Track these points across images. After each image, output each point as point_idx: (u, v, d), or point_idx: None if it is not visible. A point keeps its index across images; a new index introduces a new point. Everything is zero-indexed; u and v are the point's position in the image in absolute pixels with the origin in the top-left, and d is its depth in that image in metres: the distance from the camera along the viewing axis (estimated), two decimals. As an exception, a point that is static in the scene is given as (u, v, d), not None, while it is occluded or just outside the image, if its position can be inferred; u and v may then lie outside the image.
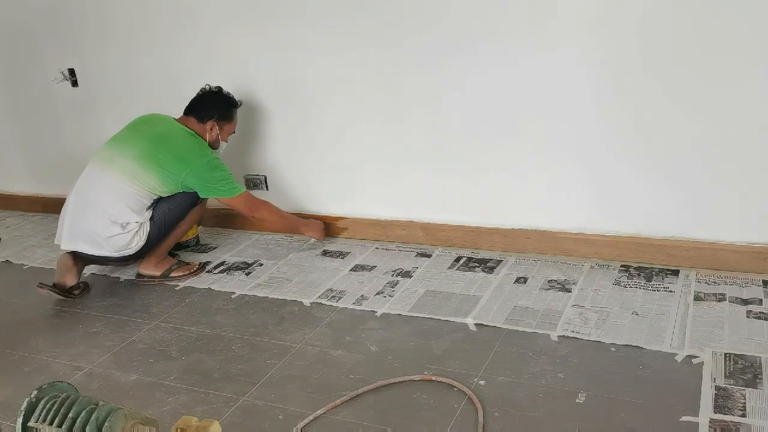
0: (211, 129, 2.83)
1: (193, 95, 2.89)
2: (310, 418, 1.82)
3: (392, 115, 2.82)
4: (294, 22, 2.86)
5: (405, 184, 2.91)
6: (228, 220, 3.34)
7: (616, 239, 2.58)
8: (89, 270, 2.95)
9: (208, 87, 2.88)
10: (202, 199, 2.82)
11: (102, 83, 3.41)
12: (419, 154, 2.82)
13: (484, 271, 2.63)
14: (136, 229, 2.67)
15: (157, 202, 2.72)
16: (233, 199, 2.78)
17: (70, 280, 2.70)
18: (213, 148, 2.86)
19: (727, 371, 1.85)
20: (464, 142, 2.72)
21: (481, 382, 1.92)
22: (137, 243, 2.69)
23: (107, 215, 2.63)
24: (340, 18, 2.76)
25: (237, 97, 2.93)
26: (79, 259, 2.74)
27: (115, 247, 2.66)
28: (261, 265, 2.90)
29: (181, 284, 2.77)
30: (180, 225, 2.83)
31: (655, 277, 2.45)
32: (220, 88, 2.88)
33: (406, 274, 2.67)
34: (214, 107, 2.83)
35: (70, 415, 1.55)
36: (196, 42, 3.10)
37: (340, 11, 2.75)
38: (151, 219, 2.71)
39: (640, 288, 2.38)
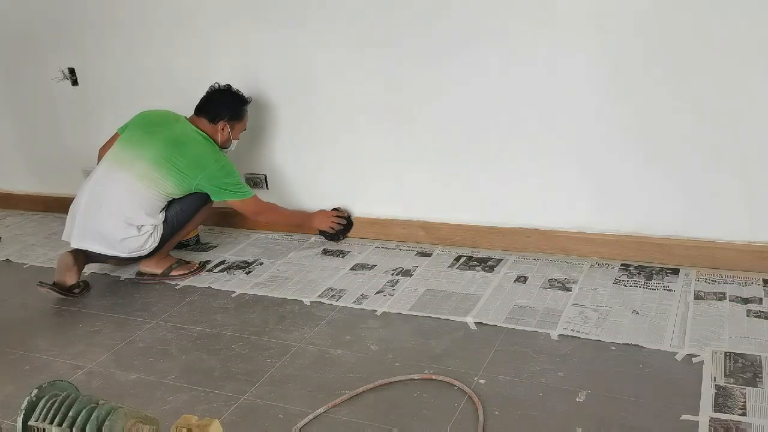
0: (223, 129, 2.82)
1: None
2: (310, 417, 1.82)
3: (393, 114, 2.82)
4: (294, 22, 2.86)
5: (405, 183, 2.91)
6: (228, 219, 3.34)
7: (616, 238, 2.58)
8: (89, 269, 2.95)
9: (216, 85, 2.86)
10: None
11: (102, 83, 3.41)
12: (420, 154, 2.82)
13: (484, 270, 2.63)
14: (151, 231, 2.68)
15: (170, 204, 2.73)
16: (243, 203, 2.81)
17: (71, 279, 2.70)
18: (224, 147, 2.86)
19: (727, 370, 1.85)
20: (465, 141, 2.72)
21: (482, 381, 1.92)
22: (151, 245, 2.71)
23: (123, 218, 2.63)
24: (341, 18, 2.76)
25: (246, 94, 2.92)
26: (80, 258, 2.73)
27: (129, 248, 2.68)
28: (261, 264, 2.90)
29: (182, 283, 2.77)
30: (187, 225, 2.84)
31: (655, 276, 2.44)
32: (229, 86, 2.86)
33: (407, 273, 2.68)
34: (224, 107, 2.81)
35: (71, 414, 1.55)
36: (196, 41, 3.09)
37: (342, 11, 2.75)
38: (164, 221, 2.72)
39: (640, 287, 2.38)
